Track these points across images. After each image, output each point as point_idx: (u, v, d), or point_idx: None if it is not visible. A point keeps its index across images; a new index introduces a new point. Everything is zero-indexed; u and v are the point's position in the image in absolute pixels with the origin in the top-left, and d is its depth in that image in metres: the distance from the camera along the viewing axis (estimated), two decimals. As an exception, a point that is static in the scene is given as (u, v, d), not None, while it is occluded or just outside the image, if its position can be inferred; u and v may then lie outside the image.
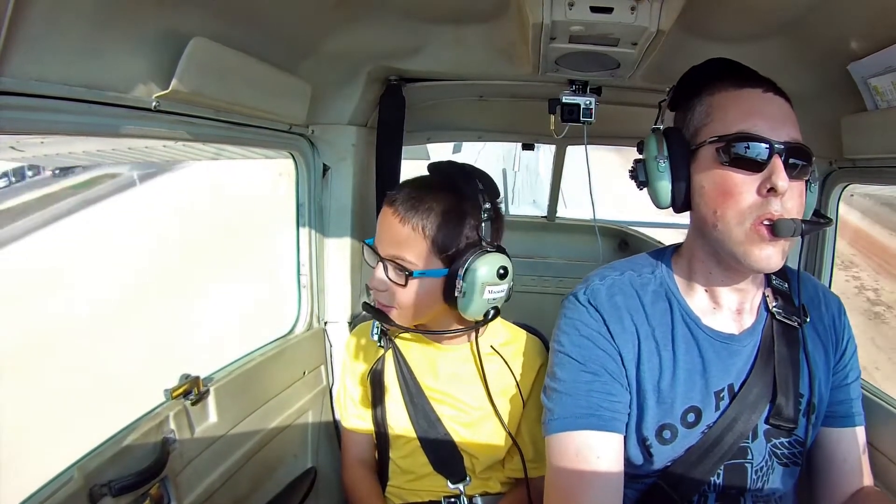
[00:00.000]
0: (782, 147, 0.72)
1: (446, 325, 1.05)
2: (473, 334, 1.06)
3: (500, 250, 1.00)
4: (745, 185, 0.73)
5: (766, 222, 0.72)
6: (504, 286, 0.99)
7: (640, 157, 0.84)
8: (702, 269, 0.84)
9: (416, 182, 1.04)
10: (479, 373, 1.06)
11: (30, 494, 0.75)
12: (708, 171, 0.76)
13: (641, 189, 0.85)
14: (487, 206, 0.98)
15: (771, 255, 0.74)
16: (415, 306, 0.99)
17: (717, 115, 0.76)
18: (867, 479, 0.89)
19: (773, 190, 0.72)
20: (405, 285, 0.97)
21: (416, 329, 1.06)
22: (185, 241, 9.71)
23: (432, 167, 1.06)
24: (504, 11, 1.02)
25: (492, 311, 1.00)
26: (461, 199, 0.99)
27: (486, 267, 0.96)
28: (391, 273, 0.99)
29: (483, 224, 0.98)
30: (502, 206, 1.09)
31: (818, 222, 0.78)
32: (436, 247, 0.97)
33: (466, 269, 0.95)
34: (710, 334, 0.83)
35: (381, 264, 1.00)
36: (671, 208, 0.82)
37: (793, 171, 0.73)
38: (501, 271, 0.97)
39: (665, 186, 0.80)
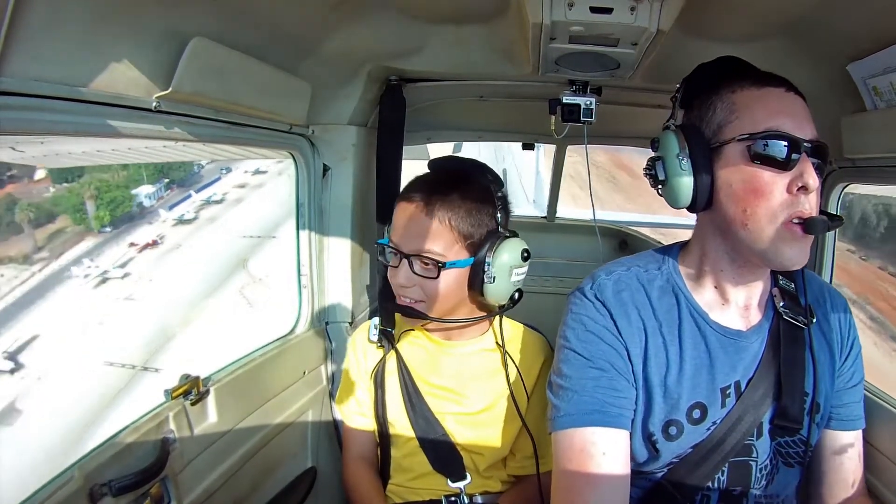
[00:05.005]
0: (809, 146, 0.74)
1: (465, 315, 1.06)
2: (495, 322, 1.09)
3: (516, 235, 1.04)
4: (776, 184, 0.73)
5: (797, 220, 0.73)
6: (526, 268, 1.03)
7: (656, 154, 0.83)
8: (713, 266, 0.84)
9: (432, 177, 1.05)
10: (501, 358, 1.08)
11: (30, 494, 0.75)
12: (736, 169, 0.76)
13: (658, 187, 0.83)
14: (500, 194, 1.03)
15: (800, 253, 0.75)
16: (444, 297, 1.01)
17: (742, 112, 0.76)
18: (862, 482, 0.90)
19: (803, 188, 0.73)
20: (436, 277, 0.99)
21: (443, 319, 1.05)
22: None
23: (438, 163, 1.07)
24: (504, 11, 1.02)
25: (517, 294, 1.04)
26: (478, 189, 1.02)
27: (511, 251, 1.00)
28: (418, 268, 0.99)
29: (499, 212, 1.02)
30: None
31: (838, 218, 0.78)
32: (461, 237, 0.99)
33: (494, 256, 0.99)
34: (718, 329, 0.83)
35: (404, 261, 1.00)
36: (688, 208, 0.81)
37: (815, 169, 0.74)
38: (525, 254, 1.02)
39: (688, 184, 0.79)
